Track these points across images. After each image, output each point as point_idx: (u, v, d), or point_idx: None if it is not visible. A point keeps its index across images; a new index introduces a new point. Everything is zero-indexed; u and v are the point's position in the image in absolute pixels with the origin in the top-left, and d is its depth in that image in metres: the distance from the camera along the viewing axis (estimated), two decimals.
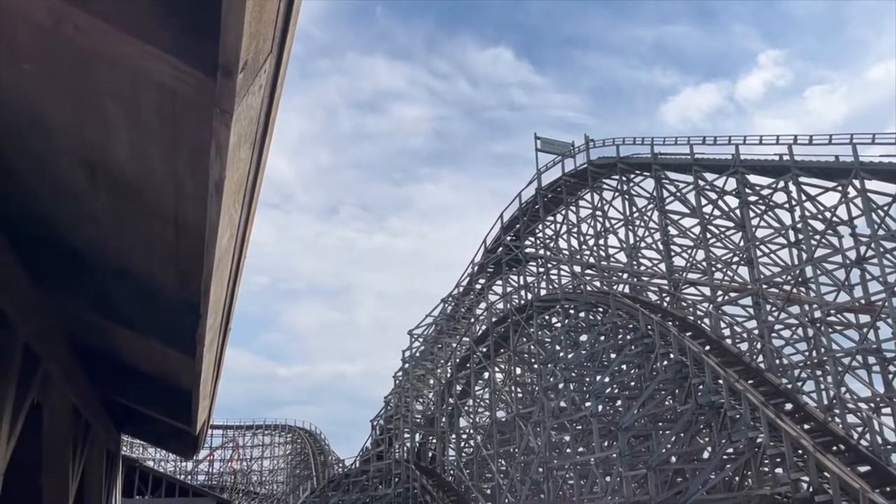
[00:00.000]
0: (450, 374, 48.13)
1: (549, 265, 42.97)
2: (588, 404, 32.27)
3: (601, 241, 40.28)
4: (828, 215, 30.14)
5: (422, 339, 50.79)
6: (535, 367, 40.66)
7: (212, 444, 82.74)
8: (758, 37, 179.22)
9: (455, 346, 49.57)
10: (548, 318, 40.40)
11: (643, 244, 38.66)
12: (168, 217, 3.17)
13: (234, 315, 4.50)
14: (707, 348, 28.47)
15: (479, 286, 48.21)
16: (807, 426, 24.74)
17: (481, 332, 45.69)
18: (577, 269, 40.83)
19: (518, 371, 43.13)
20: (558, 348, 36.71)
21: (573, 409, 33.49)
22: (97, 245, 4.03)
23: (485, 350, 43.82)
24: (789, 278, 31.53)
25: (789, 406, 25.99)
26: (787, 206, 31.60)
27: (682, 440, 28.03)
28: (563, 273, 42.13)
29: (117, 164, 3.03)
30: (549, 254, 43.44)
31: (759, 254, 32.33)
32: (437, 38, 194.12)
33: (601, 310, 34.79)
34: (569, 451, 33.63)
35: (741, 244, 33.35)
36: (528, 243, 44.76)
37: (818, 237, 30.19)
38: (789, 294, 30.77)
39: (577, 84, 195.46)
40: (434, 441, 48.90)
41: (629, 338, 32.09)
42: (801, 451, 22.05)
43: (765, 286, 31.42)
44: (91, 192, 3.36)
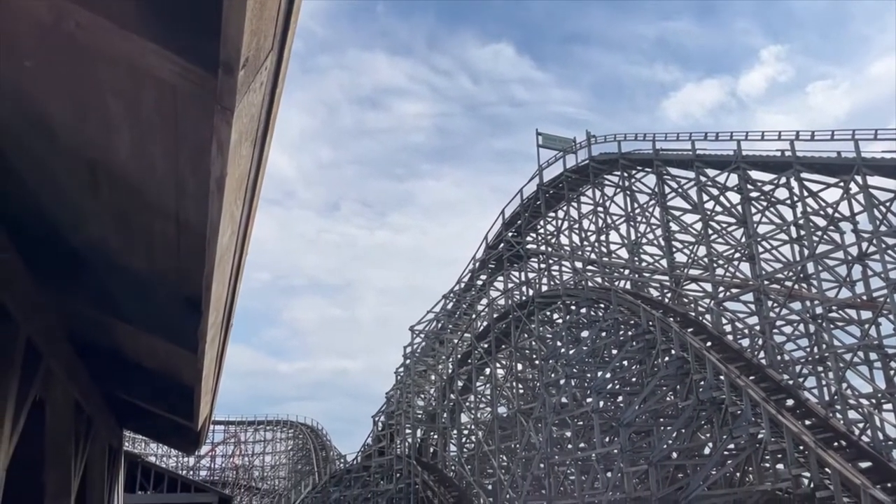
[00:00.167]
0: (451, 370, 48.18)
1: (551, 261, 42.95)
2: (589, 400, 32.28)
3: (602, 237, 40.24)
4: (829, 211, 30.09)
5: (423, 335, 50.83)
6: (537, 362, 40.68)
7: (214, 440, 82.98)
8: (759, 32, 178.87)
9: (456, 342, 49.60)
10: (549, 314, 40.40)
11: (645, 240, 38.62)
12: (169, 214, 3.17)
13: (236, 311, 4.51)
14: (708, 344, 28.45)
15: (480, 282, 48.22)
16: (808, 422, 24.73)
17: (483, 327, 45.71)
18: (579, 265, 40.80)
19: (519, 367, 43.14)
20: (559, 344, 36.72)
21: (574, 405, 33.52)
22: (99, 242, 4.03)
23: (486, 346, 43.84)
24: (791, 274, 31.50)
25: (790, 402, 25.98)
26: (788, 202, 31.57)
27: (683, 436, 28.05)
28: (564, 269, 42.14)
29: (118, 161, 3.03)
30: (550, 250, 43.41)
31: (761, 250, 32.30)
32: (438, 33, 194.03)
33: (602, 306, 34.77)
34: (570, 446, 33.66)
35: (743, 240, 33.30)
36: (529, 239, 44.73)
37: (820, 233, 30.14)
38: (791, 290, 30.74)
39: (578, 80, 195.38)
40: (435, 437, 48.96)
41: (630, 334, 32.08)
42: (802, 447, 22.05)
43: (766, 282, 31.40)
44: (92, 190, 3.37)
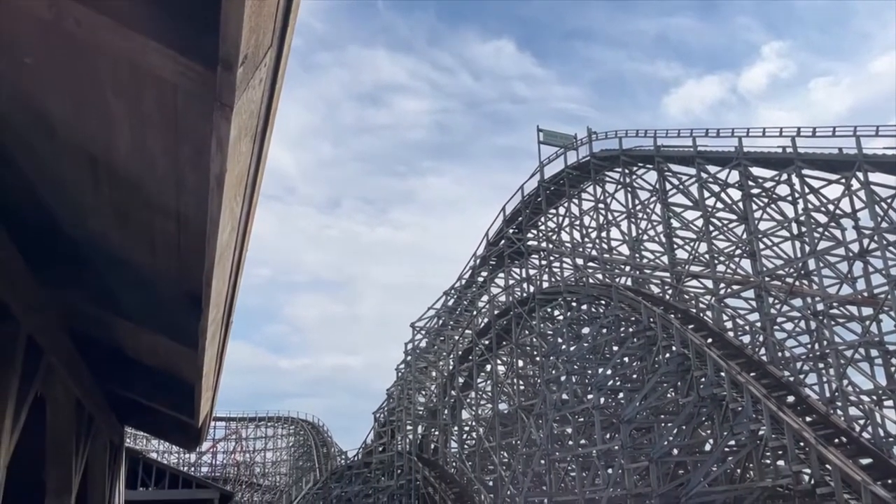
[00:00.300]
0: (452, 367, 48.23)
1: (552, 258, 42.95)
2: (590, 397, 32.32)
3: (603, 234, 40.22)
4: (831, 208, 30.06)
5: (424, 332, 50.87)
6: (538, 359, 40.71)
7: (215, 437, 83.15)
8: (761, 28, 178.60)
9: (457, 338, 49.64)
10: (550, 310, 40.41)
11: (646, 237, 38.60)
12: (169, 211, 3.18)
13: (237, 308, 4.51)
14: (709, 341, 28.45)
15: (481, 279, 48.23)
16: (809, 419, 24.75)
17: (483, 324, 45.73)
18: (580, 261, 40.79)
19: (520, 363, 43.16)
20: (560, 341, 36.74)
21: (575, 402, 33.56)
22: (99, 239, 4.04)
23: (487, 342, 43.87)
24: (792, 271, 31.47)
25: (791, 399, 25.99)
26: (790, 198, 31.52)
27: (683, 432, 28.07)
28: (565, 265, 42.13)
29: (119, 158, 3.03)
30: (551, 246, 43.40)
31: (762, 246, 32.26)
32: (439, 30, 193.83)
33: (603, 302, 34.78)
34: (571, 443, 33.72)
35: (744, 237, 33.28)
36: (530, 236, 44.71)
37: (821, 230, 30.11)
38: (792, 287, 30.72)
39: (579, 76, 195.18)
40: (436, 433, 49.03)
41: (631, 330, 32.10)
42: (802, 444, 22.06)
43: (767, 279, 31.38)
44: (93, 187, 3.37)
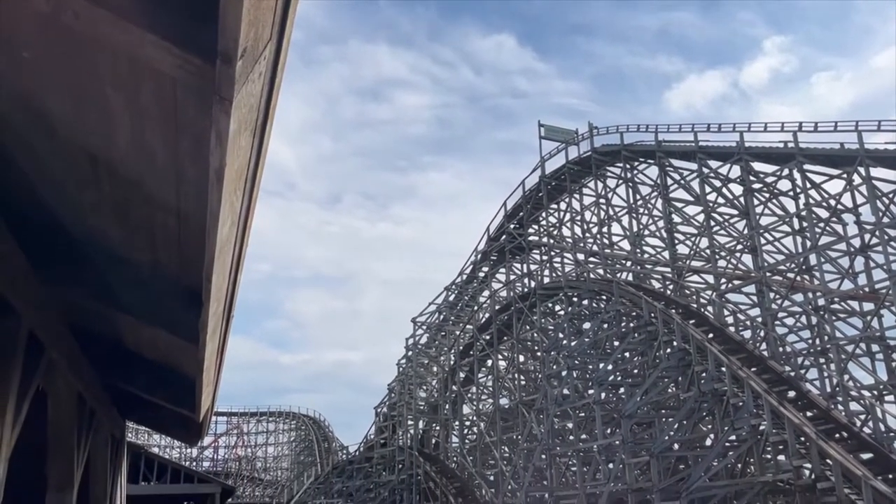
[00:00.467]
0: (453, 362, 48.28)
1: (553, 253, 42.94)
2: (591, 392, 32.34)
3: (605, 229, 40.20)
4: (832, 203, 30.01)
5: (425, 327, 50.91)
6: (539, 354, 40.75)
7: (216, 431, 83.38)
8: (763, 23, 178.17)
9: (458, 333, 49.68)
10: (551, 305, 40.43)
11: (647, 232, 38.57)
12: (170, 205, 3.17)
13: (237, 303, 4.51)
14: (710, 336, 28.46)
15: (482, 274, 48.24)
16: (809, 414, 24.75)
17: (484, 319, 45.77)
18: (581, 256, 40.78)
19: (521, 358, 43.21)
20: (561, 336, 36.74)
21: (576, 397, 33.58)
22: (99, 234, 4.03)
23: (488, 338, 43.90)
24: (793, 266, 31.45)
25: (792, 394, 26.00)
26: (791, 193, 31.46)
27: (684, 427, 28.09)
28: (566, 261, 42.11)
29: (118, 153, 3.03)
30: (552, 241, 43.38)
31: (763, 241, 32.23)
32: (440, 24, 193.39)
33: (604, 297, 34.78)
34: (572, 438, 33.74)
35: (745, 232, 33.24)
36: (531, 231, 44.71)
37: (822, 225, 30.07)
38: (793, 282, 30.69)
39: (580, 71, 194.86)
40: (437, 428, 49.11)
41: (632, 325, 32.11)
42: (803, 439, 22.08)
43: (768, 274, 31.36)
44: (92, 182, 3.36)
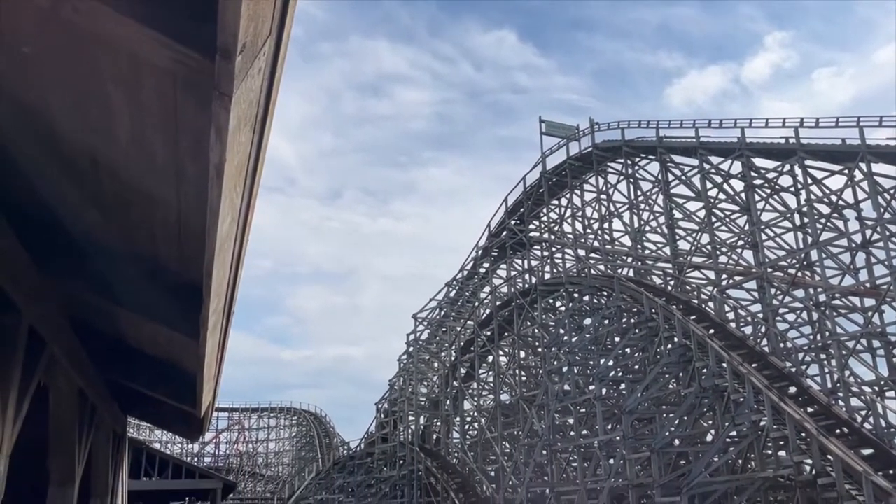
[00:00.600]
0: (454, 358, 48.31)
1: (554, 249, 42.93)
2: (592, 387, 32.34)
3: (606, 225, 40.17)
4: (833, 199, 29.98)
5: (426, 323, 50.94)
6: (539, 350, 40.75)
7: (218, 427, 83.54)
8: (764, 18, 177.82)
9: (459, 329, 49.70)
10: (552, 301, 40.43)
11: (648, 228, 38.56)
12: (170, 202, 3.17)
13: (238, 298, 4.52)
14: (711, 332, 28.44)
15: (483, 270, 48.22)
16: (810, 409, 24.76)
17: (485, 315, 45.78)
18: (582, 252, 40.77)
19: (522, 354, 43.23)
20: (562, 332, 36.75)
21: (577, 393, 33.60)
22: (100, 230, 4.04)
23: (489, 334, 43.92)
24: (794, 262, 31.43)
25: (793, 389, 26.00)
26: (792, 189, 31.44)
27: (685, 423, 28.12)
28: (567, 257, 42.12)
29: (119, 149, 3.03)
30: (553, 237, 43.37)
31: (764, 237, 32.21)
32: (440, 20, 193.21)
33: (605, 293, 34.77)
34: (572, 433, 33.76)
35: (746, 228, 33.21)
36: (532, 227, 44.69)
37: (824, 220, 30.05)
38: (794, 278, 30.68)
39: (581, 67, 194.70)
40: (438, 424, 49.17)
41: (633, 321, 32.09)
42: (804, 435, 22.08)
43: (769, 270, 31.35)
44: (93, 177, 3.37)
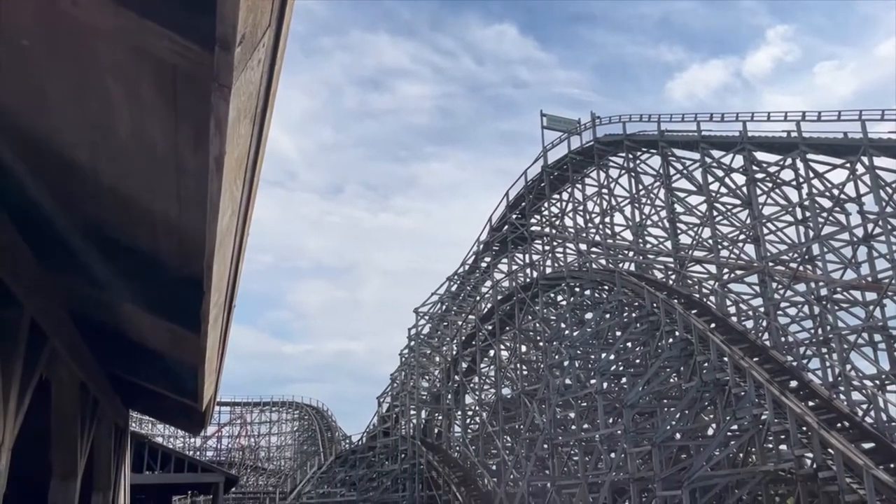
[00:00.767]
0: (455, 352, 48.35)
1: (555, 243, 42.94)
2: (593, 381, 32.39)
3: (607, 219, 40.16)
4: (835, 192, 29.94)
5: (428, 317, 50.99)
6: (541, 344, 40.79)
7: (220, 421, 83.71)
8: (765, 12, 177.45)
9: (461, 323, 49.73)
10: (553, 295, 40.44)
11: (649, 222, 38.54)
12: (170, 195, 3.16)
13: (239, 292, 4.52)
14: (712, 326, 28.47)
15: (484, 264, 48.24)
16: (811, 403, 24.78)
17: (487, 309, 45.80)
18: (583, 246, 40.76)
19: (523, 349, 43.29)
20: (564, 326, 36.78)
21: (578, 387, 33.64)
22: (100, 223, 4.03)
23: (490, 328, 43.96)
24: (796, 256, 31.41)
25: (794, 383, 26.02)
26: (794, 183, 31.40)
27: (686, 417, 28.15)
28: (568, 251, 42.13)
29: (118, 141, 3.02)
30: (554, 232, 43.37)
31: (766, 231, 32.19)
32: (441, 14, 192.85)
33: (607, 288, 34.78)
34: (574, 427, 33.83)
35: (748, 222, 33.19)
36: (533, 221, 44.68)
37: (825, 214, 30.02)
38: (795, 272, 30.66)
39: (582, 61, 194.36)
40: (440, 418, 49.28)
41: (635, 315, 32.12)
42: (805, 428, 22.12)
43: (771, 264, 31.32)
44: (93, 170, 3.36)
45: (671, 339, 29.21)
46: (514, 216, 44.99)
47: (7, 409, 4.64)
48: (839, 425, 23.70)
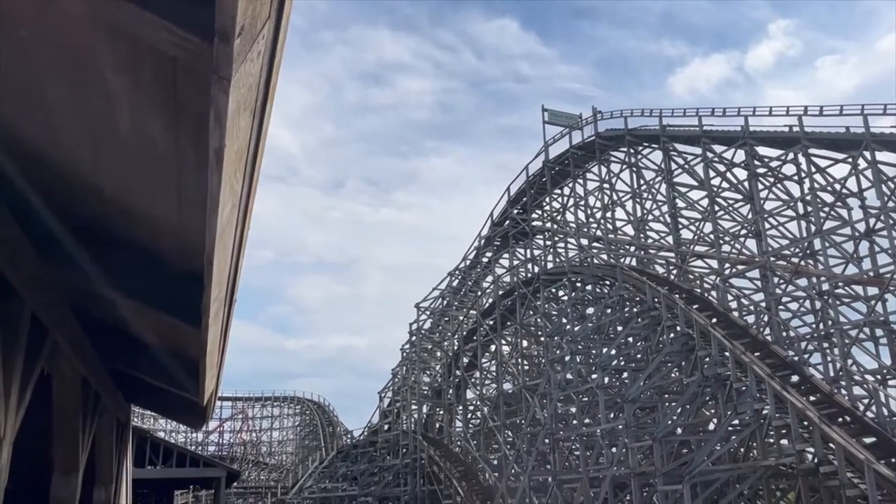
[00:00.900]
0: (457, 347, 48.40)
1: (556, 238, 42.88)
2: (594, 376, 32.41)
3: (608, 214, 40.10)
4: (837, 187, 29.89)
5: (429, 313, 51.00)
6: (542, 339, 40.81)
7: (222, 416, 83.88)
8: (767, 6, 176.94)
9: (462, 318, 49.76)
10: (554, 290, 40.43)
11: (651, 217, 38.49)
12: (170, 188, 3.16)
13: (240, 287, 4.51)
14: (714, 321, 28.43)
15: (485, 259, 48.22)
16: (813, 398, 24.78)
17: (488, 304, 45.81)
18: (584, 241, 40.72)
19: (525, 343, 43.30)
20: (565, 321, 36.78)
21: (579, 382, 33.66)
22: (101, 217, 4.02)
23: (491, 323, 43.96)
24: (797, 251, 31.37)
25: (795, 378, 26.01)
26: (796, 178, 31.35)
27: (687, 412, 28.16)
28: (570, 246, 42.07)
29: (119, 134, 3.01)
30: (556, 227, 43.32)
31: (768, 226, 32.15)
32: (442, 8, 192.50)
33: (608, 283, 34.77)
34: (575, 422, 33.86)
35: (749, 216, 33.14)
36: (534, 216, 44.62)
37: (827, 209, 29.98)
38: (797, 266, 30.63)
39: (583, 56, 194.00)
40: (441, 412, 49.33)
41: (636, 310, 32.10)
42: (806, 423, 22.12)
43: (773, 259, 31.29)
44: (93, 165, 3.35)
45: (672, 334, 29.19)
46: (516, 211, 44.96)
47: (8, 403, 4.64)
48: (840, 420, 23.71)
